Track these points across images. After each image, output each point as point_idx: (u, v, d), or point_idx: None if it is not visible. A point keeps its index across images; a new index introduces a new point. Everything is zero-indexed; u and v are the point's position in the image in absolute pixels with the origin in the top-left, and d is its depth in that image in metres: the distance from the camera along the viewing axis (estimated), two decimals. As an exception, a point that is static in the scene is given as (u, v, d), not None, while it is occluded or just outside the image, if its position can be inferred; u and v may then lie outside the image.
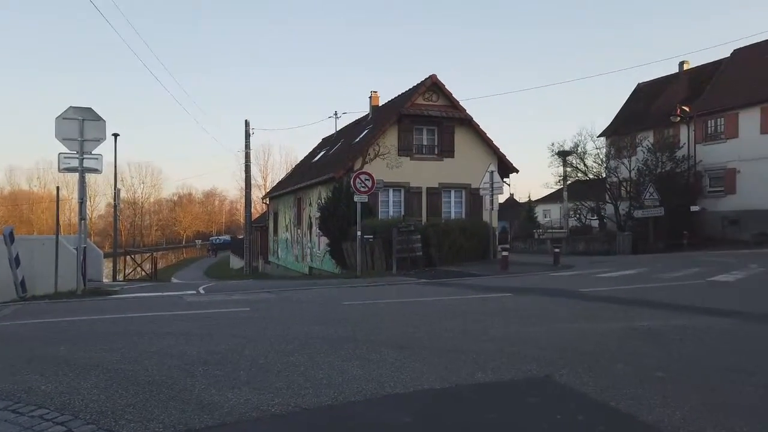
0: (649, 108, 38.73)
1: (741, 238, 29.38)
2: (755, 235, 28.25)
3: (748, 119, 30.97)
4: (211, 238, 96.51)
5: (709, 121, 33.48)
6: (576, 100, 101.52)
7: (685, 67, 39.71)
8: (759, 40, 34.40)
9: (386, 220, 22.62)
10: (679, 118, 33.91)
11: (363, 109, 49.39)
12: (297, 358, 5.47)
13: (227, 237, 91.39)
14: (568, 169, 39.35)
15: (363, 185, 18.23)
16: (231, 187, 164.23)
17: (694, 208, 31.34)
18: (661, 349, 5.91)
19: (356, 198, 18.41)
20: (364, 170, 19.80)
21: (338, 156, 28.94)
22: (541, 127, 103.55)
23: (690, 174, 33.31)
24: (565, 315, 8.41)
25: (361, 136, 27.83)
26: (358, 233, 18.46)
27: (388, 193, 24.79)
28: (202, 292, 13.84)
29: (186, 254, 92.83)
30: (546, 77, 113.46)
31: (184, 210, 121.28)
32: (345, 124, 37.27)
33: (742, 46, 35.65)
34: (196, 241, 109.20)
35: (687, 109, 34.05)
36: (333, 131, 37.44)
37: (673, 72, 40.64)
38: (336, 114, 36.84)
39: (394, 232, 19.50)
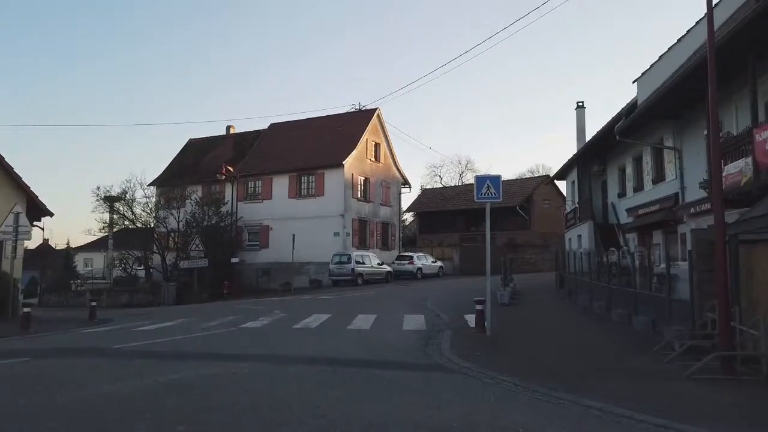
0: (199, 163, 40.92)
1: (271, 287, 33.69)
2: (282, 284, 32.85)
3: (280, 184, 36.45)
4: None
5: (250, 182, 37.81)
6: (127, 145, 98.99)
7: (232, 131, 43.99)
8: (295, 119, 41.40)
9: None
10: (224, 177, 37.06)
11: None
12: None
13: None
14: (116, 216, 37.28)
15: None
16: None
17: (234, 260, 34.27)
18: (187, 401, 5.89)
19: None
20: None
21: None
22: (89, 169, 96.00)
23: (233, 228, 36.52)
24: (94, 377, 7.55)
25: None
26: None
27: None
28: None
29: None
30: (100, 118, 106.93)
31: None
32: None
33: (278, 121, 42.03)
34: None
35: (231, 169, 37.59)
36: None
37: (221, 133, 44.32)
38: None
39: None
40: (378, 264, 32.05)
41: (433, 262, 36.44)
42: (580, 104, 29.94)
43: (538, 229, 43.16)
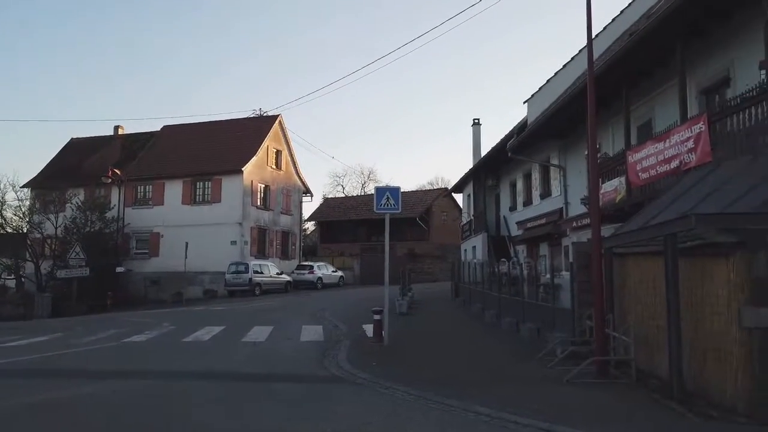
0: (82, 165, 37.93)
1: (161, 297, 31.80)
2: (173, 294, 31.14)
3: (173, 189, 34.65)
4: None
5: (139, 187, 35.61)
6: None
7: (120, 131, 41.27)
8: (188, 122, 39.57)
9: None
10: (110, 180, 34.61)
11: None
12: None
13: None
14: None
15: None
16: None
17: (119, 269, 32.03)
18: (54, 424, 5.35)
19: None
20: None
21: None
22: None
23: (118, 235, 34.14)
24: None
25: None
26: None
27: None
28: None
29: None
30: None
31: None
32: None
33: (172, 123, 40.06)
34: None
35: (118, 172, 35.18)
36: None
37: (108, 133, 41.43)
38: None
39: None
40: (277, 274, 31.40)
41: (333, 271, 36.34)
42: (476, 121, 31.38)
43: (437, 240, 44.49)
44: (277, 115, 37.37)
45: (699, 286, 6.75)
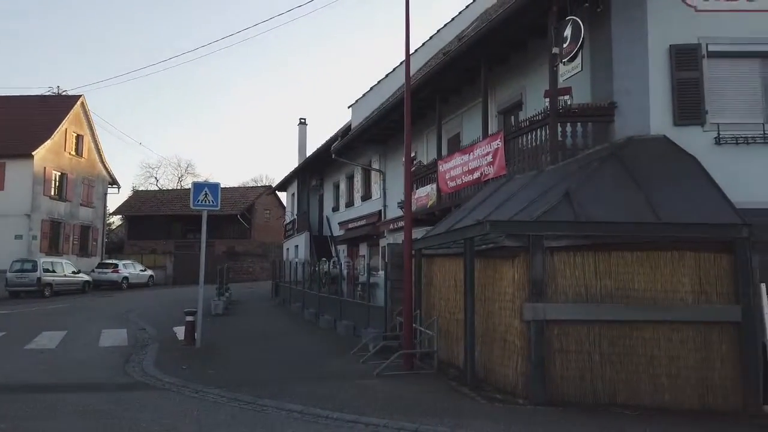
0: None
1: None
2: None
3: None
4: None
5: None
6: None
7: None
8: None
9: None
10: None
11: None
12: None
13: None
14: None
15: None
16: None
17: None
18: None
19: None
20: None
21: None
22: None
23: None
24: None
25: None
26: None
27: None
28: None
29: None
30: None
31: None
32: None
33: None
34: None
35: None
36: None
37: None
38: None
39: None
40: (73, 272, 27.96)
41: (142, 270, 33.54)
42: (303, 121, 31.51)
43: (259, 238, 43.64)
44: (80, 96, 33.28)
45: (491, 284, 7.62)
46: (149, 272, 34.17)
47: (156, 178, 60.33)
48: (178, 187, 54.31)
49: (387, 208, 18.78)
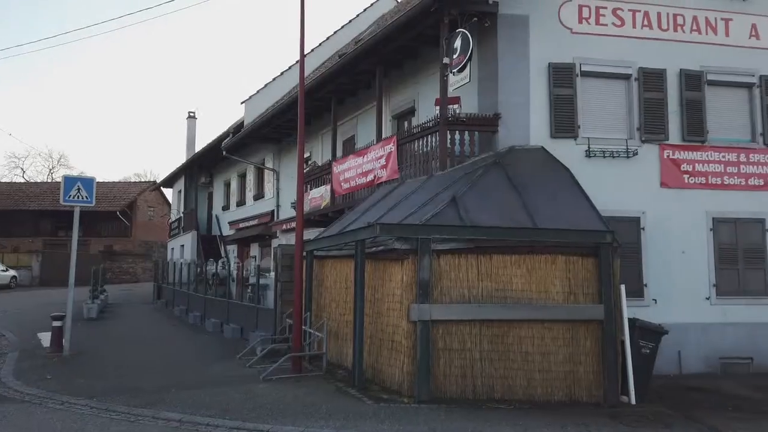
0: None
1: None
2: None
3: None
4: None
5: None
6: None
7: None
8: None
9: None
10: None
11: None
12: None
13: None
14: None
15: None
16: None
17: None
18: None
19: None
20: None
21: None
22: None
23: None
24: None
25: None
26: None
27: None
28: None
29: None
30: None
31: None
32: None
33: None
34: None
35: None
36: None
37: None
38: None
39: None
40: None
41: (3, 270, 30.23)
42: (192, 114, 30.11)
43: (141, 236, 40.94)
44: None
45: (381, 286, 7.73)
46: (12, 273, 30.85)
47: (23, 169, 54.76)
48: (50, 180, 49.62)
49: (280, 208, 18.44)
